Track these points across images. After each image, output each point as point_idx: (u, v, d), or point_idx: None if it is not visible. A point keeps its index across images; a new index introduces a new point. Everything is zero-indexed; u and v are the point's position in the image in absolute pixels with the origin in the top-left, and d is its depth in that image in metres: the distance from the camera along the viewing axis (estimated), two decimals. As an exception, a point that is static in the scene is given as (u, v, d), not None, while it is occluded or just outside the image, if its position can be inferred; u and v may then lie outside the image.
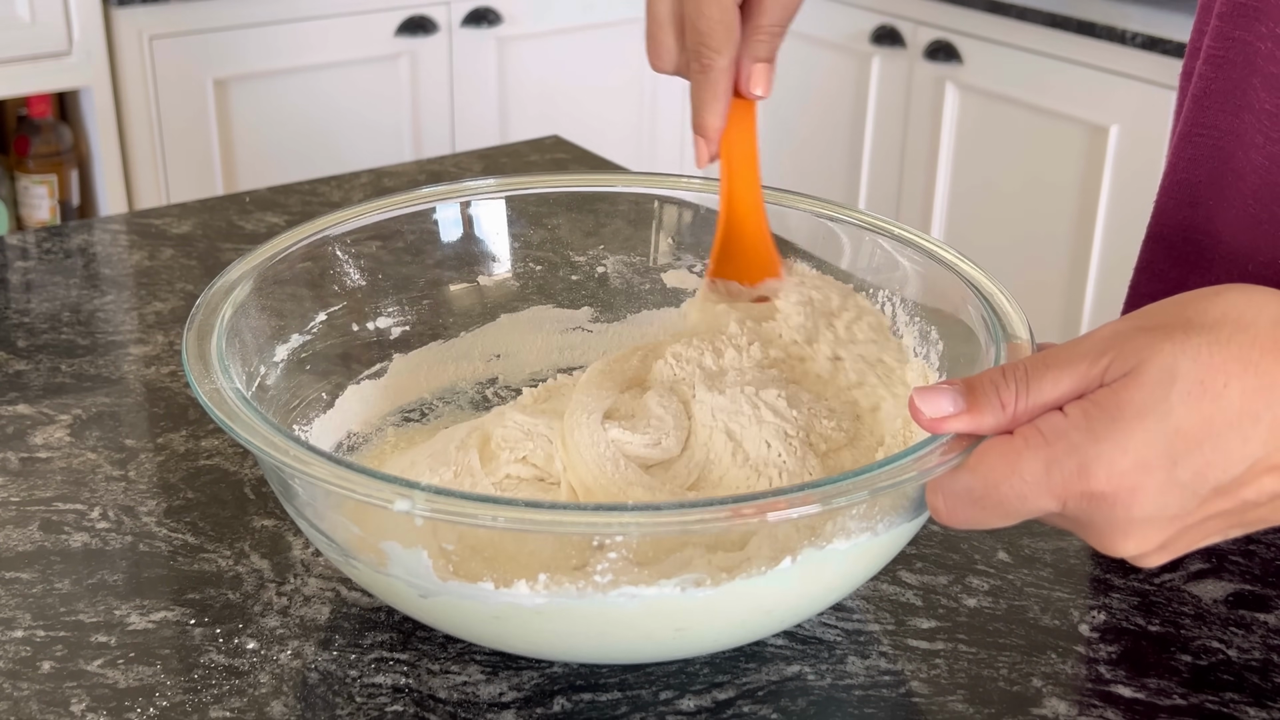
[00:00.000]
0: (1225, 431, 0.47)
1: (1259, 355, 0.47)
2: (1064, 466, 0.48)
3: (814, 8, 2.40)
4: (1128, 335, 0.49)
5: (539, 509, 0.50)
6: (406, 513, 0.49)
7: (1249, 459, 0.47)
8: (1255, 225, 0.70)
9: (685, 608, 0.54)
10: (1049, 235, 2.12)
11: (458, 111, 2.45)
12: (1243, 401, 0.47)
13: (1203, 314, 0.49)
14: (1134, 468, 0.47)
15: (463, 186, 0.76)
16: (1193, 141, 0.74)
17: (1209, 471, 0.47)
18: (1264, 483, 0.48)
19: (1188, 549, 0.51)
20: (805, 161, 2.53)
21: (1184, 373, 0.47)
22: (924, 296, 0.69)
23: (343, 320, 0.72)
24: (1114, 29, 1.93)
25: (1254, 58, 0.70)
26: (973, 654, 0.61)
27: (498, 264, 0.78)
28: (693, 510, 0.49)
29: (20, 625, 0.62)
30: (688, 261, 0.78)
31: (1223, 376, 0.47)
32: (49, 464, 0.75)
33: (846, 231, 0.72)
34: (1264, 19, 0.69)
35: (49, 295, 0.97)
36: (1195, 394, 0.47)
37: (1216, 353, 0.47)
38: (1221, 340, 0.47)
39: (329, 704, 0.58)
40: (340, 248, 0.72)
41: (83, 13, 2.04)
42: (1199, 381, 0.47)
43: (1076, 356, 0.49)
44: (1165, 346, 0.47)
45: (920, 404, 0.51)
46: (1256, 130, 0.70)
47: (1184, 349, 0.47)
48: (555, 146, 1.30)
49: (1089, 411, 0.48)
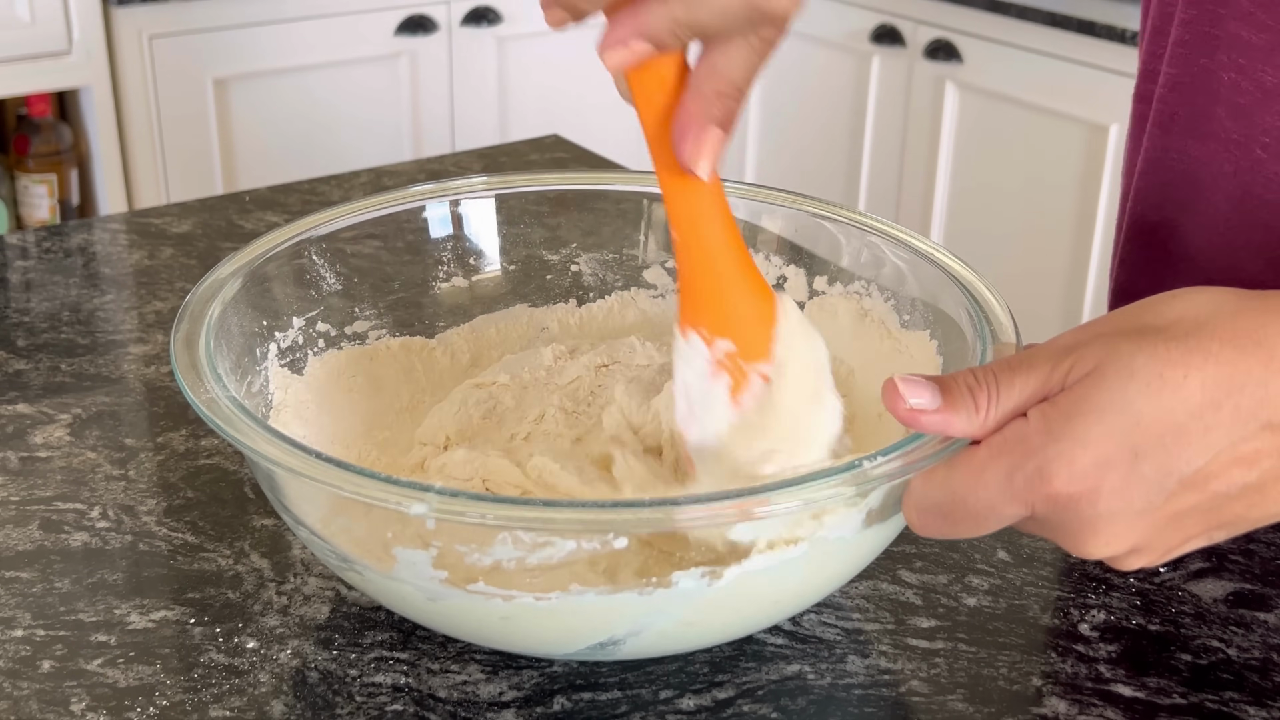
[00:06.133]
0: (1186, 421, 0.46)
1: (1218, 346, 0.47)
2: (1024, 470, 0.47)
3: (814, 7, 2.40)
4: (1089, 340, 0.48)
5: (557, 508, 0.50)
6: (421, 516, 0.49)
7: (1213, 448, 0.47)
8: (1231, 252, 0.70)
9: (699, 600, 0.54)
10: (1049, 234, 2.12)
11: (457, 111, 2.45)
12: (1203, 392, 0.46)
13: (1160, 316, 0.49)
14: (1094, 465, 0.47)
15: (448, 186, 0.75)
16: (1161, 167, 0.74)
17: (1172, 463, 0.47)
18: (1233, 475, 0.47)
19: (1169, 552, 0.50)
20: (805, 161, 2.53)
21: (1141, 368, 0.47)
22: (917, 295, 0.69)
23: (324, 323, 0.72)
24: (1114, 28, 1.93)
25: (1217, 87, 0.69)
26: (973, 653, 0.61)
27: (481, 263, 0.77)
28: (702, 504, 0.50)
29: (20, 624, 0.62)
30: (662, 258, 0.78)
31: (1181, 369, 0.46)
32: (49, 463, 0.75)
33: (840, 230, 0.72)
34: (1224, 49, 0.68)
35: (49, 294, 0.97)
36: (1155, 387, 0.46)
37: (1174, 347, 0.47)
38: (1179, 336, 0.47)
39: (329, 703, 0.58)
40: (317, 252, 0.71)
41: (82, 12, 2.04)
42: (1158, 375, 0.46)
43: (1040, 360, 0.49)
44: (1124, 346, 0.47)
45: (903, 390, 0.49)
46: (1225, 159, 0.69)
47: (1140, 346, 0.47)
48: (555, 145, 1.30)
49: (1047, 413, 0.48)
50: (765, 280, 0.57)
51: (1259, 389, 0.47)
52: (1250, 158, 0.68)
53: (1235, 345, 0.47)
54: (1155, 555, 0.50)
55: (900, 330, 0.69)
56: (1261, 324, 0.47)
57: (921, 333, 0.67)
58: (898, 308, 0.70)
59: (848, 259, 0.72)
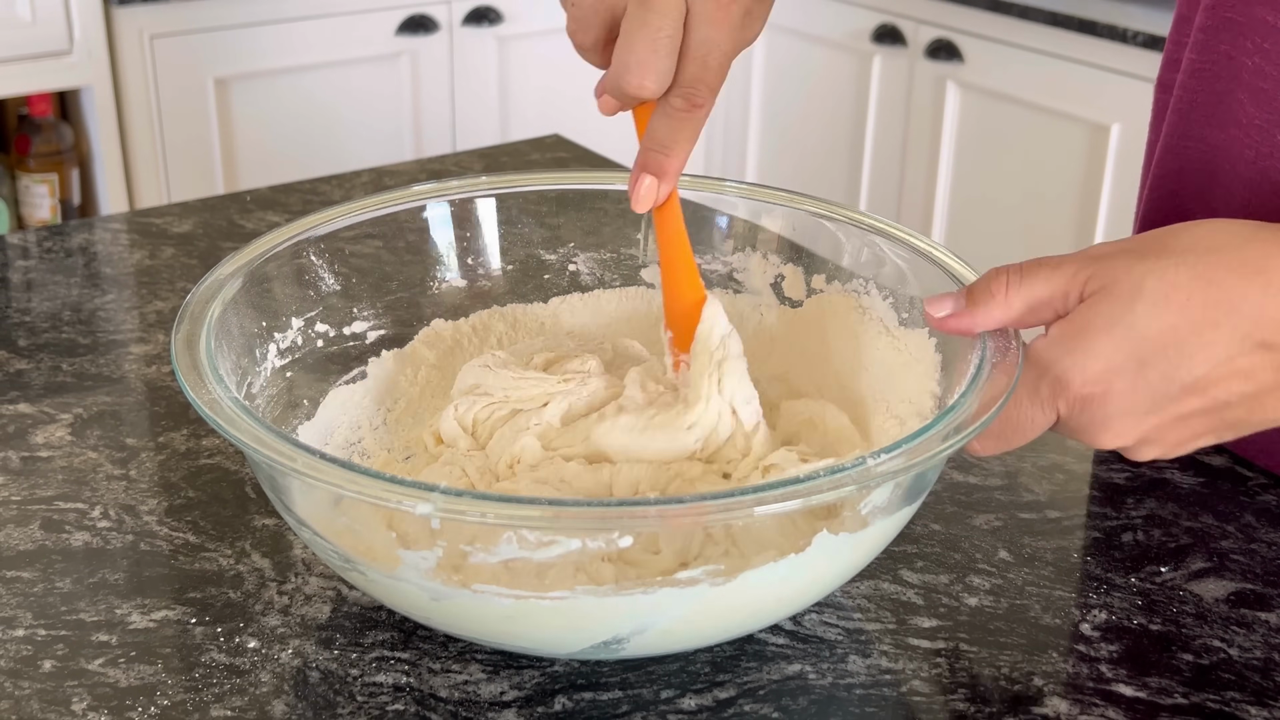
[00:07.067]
0: (1189, 337, 0.53)
1: (1223, 274, 0.53)
2: (1047, 379, 0.55)
3: (815, 6, 2.40)
4: (1111, 255, 0.55)
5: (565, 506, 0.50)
6: (427, 515, 0.49)
7: (1212, 360, 0.53)
8: None
9: (704, 598, 0.54)
10: (1050, 234, 2.12)
11: (458, 110, 2.46)
12: (1204, 313, 0.53)
13: (1178, 239, 0.54)
14: (1104, 371, 0.54)
15: (447, 185, 0.75)
16: (1178, 154, 0.74)
17: (1175, 371, 0.53)
18: (1231, 385, 0.54)
19: (1180, 445, 0.57)
20: (806, 160, 2.53)
21: (1149, 289, 0.53)
22: (916, 293, 0.69)
23: (324, 323, 0.72)
24: (1115, 28, 1.93)
25: (1239, 72, 0.70)
26: (974, 653, 0.61)
27: (480, 263, 0.77)
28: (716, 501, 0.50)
29: (21, 624, 0.62)
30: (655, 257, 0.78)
31: (1185, 292, 0.53)
32: (50, 463, 0.75)
33: (839, 229, 0.72)
34: (1248, 34, 0.69)
35: (50, 294, 0.97)
36: (1160, 306, 0.53)
37: (1182, 272, 0.53)
38: (1189, 262, 0.53)
39: (330, 703, 0.58)
40: (316, 252, 0.71)
41: (83, 12, 2.04)
42: (1164, 296, 0.53)
43: (1066, 263, 0.56)
44: (1137, 267, 0.54)
45: (929, 308, 0.59)
46: (1245, 145, 0.70)
47: (1152, 269, 0.53)
48: (556, 145, 1.30)
49: (1064, 329, 0.55)
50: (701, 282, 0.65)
51: (1255, 311, 0.53)
52: (1271, 142, 0.68)
53: (1238, 273, 0.53)
54: (1165, 448, 0.57)
55: (899, 328, 0.69)
56: (1266, 254, 0.53)
57: (920, 331, 0.67)
58: (896, 306, 0.70)
59: (846, 258, 0.72)
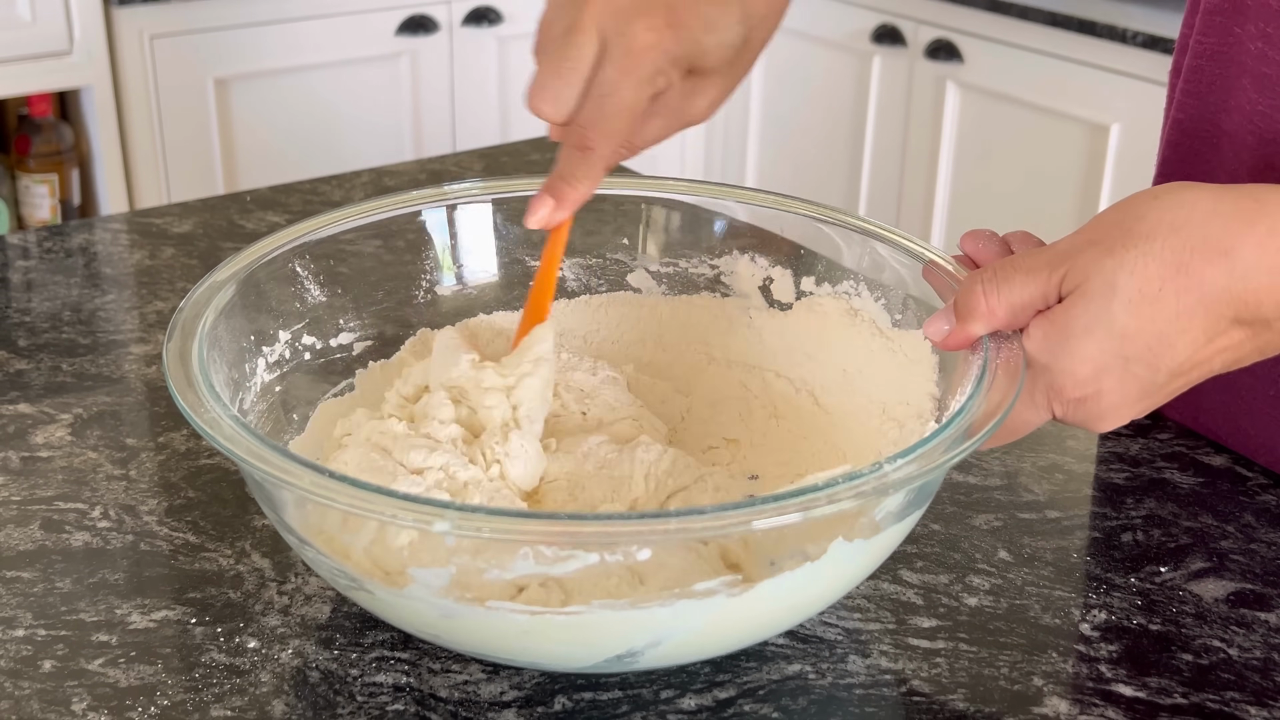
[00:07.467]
0: (1166, 328, 0.55)
1: (1189, 256, 0.55)
2: (1039, 388, 0.58)
3: (815, 6, 2.40)
4: (1080, 249, 0.57)
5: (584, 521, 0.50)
6: (443, 533, 0.49)
7: (1193, 344, 0.56)
8: None
9: (721, 610, 0.54)
10: (1050, 234, 2.10)
11: (458, 110, 2.46)
12: (1177, 300, 0.55)
13: (1140, 221, 0.56)
14: (1093, 374, 0.57)
15: (441, 191, 0.74)
16: (1184, 136, 0.75)
17: (1159, 361, 0.56)
18: (1214, 361, 0.57)
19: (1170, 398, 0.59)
20: (805, 161, 2.53)
21: (1122, 285, 0.55)
22: (910, 294, 0.69)
23: (310, 335, 0.71)
24: (1115, 28, 1.93)
25: (1243, 56, 0.70)
26: (974, 653, 0.61)
27: (469, 269, 0.76)
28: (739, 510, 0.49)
29: (21, 624, 0.62)
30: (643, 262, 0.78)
31: (1157, 282, 0.55)
32: (50, 463, 0.75)
33: (835, 231, 0.72)
34: (1252, 18, 0.69)
35: (50, 294, 0.97)
36: (1135, 301, 0.55)
37: (1150, 263, 0.55)
38: (1155, 250, 0.55)
39: (330, 703, 0.58)
40: (307, 259, 0.71)
41: (83, 12, 2.04)
42: (1137, 290, 0.55)
43: (1039, 265, 0.58)
44: (1107, 263, 0.55)
45: (927, 331, 0.62)
46: (1248, 131, 0.70)
47: (1122, 263, 0.55)
48: (556, 145, 1.29)
49: (1048, 333, 0.57)
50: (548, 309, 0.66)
51: (1224, 294, 0.55)
52: (1274, 129, 0.68)
53: (1203, 255, 0.55)
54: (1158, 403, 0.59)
55: (892, 329, 0.69)
56: (1227, 230, 0.55)
57: (915, 332, 0.67)
58: (889, 307, 0.70)
59: (840, 260, 0.72)
